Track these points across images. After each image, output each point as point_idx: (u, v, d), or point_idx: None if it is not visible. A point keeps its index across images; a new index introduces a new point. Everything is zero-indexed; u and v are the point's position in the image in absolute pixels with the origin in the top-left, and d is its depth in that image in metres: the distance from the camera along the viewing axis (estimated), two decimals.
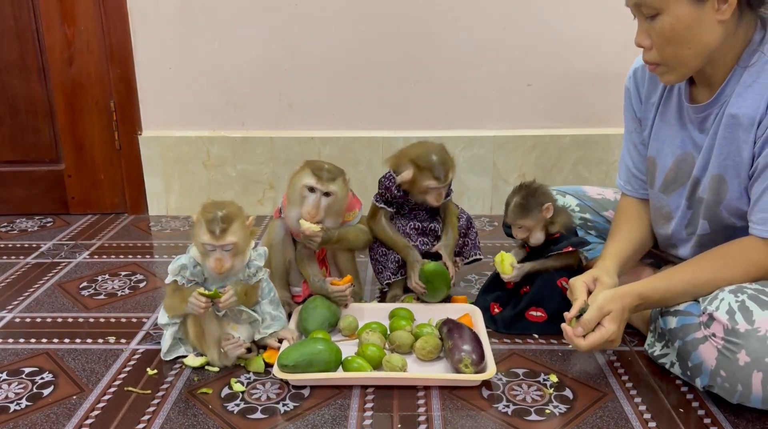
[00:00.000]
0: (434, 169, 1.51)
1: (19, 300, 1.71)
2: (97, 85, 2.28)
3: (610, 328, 1.20)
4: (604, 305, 1.20)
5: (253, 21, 2.23)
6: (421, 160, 1.52)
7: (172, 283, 1.33)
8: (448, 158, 1.55)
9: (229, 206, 1.32)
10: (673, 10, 1.12)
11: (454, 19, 2.21)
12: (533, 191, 1.47)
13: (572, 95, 2.28)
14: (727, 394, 1.15)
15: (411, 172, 1.52)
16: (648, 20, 1.16)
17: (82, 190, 2.40)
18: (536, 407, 1.22)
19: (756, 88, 1.15)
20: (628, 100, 1.44)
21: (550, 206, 1.46)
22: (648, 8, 1.14)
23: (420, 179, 1.53)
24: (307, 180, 1.46)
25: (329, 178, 1.46)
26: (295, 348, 1.31)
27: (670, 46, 1.16)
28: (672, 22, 1.13)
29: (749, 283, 1.16)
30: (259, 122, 2.34)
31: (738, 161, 1.19)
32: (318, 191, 1.46)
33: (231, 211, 1.30)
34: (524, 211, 1.45)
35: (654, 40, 1.17)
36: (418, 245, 1.60)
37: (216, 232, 1.27)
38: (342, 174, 1.50)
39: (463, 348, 1.29)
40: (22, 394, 1.28)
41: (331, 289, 1.50)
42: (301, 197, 1.48)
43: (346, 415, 1.20)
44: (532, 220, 1.46)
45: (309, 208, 1.46)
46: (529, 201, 1.45)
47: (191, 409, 1.23)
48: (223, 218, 1.28)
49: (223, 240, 1.28)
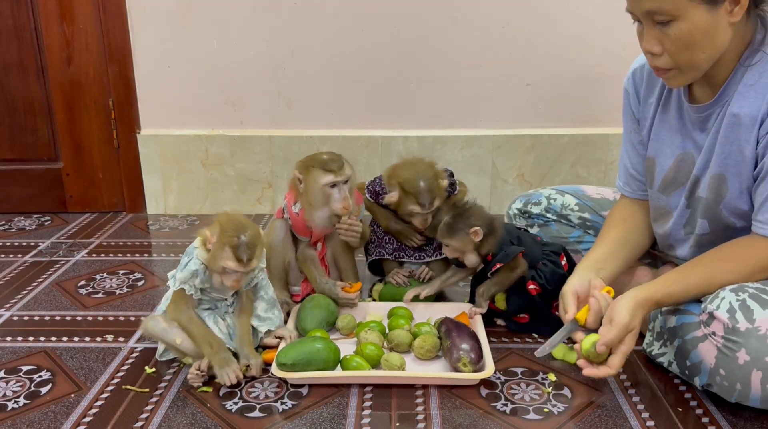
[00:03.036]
0: (420, 196, 1.51)
1: (17, 298, 1.71)
2: (95, 84, 2.28)
3: (632, 344, 1.19)
4: (629, 322, 1.18)
5: (252, 20, 2.23)
6: (408, 185, 1.52)
7: (179, 290, 1.30)
8: (436, 185, 1.54)
9: (249, 228, 1.28)
10: (690, 17, 1.09)
11: (453, 18, 2.21)
12: (463, 212, 1.44)
13: (571, 95, 2.28)
14: (726, 393, 1.15)
15: (396, 195, 1.54)
16: (659, 26, 1.12)
17: (81, 188, 2.40)
18: (534, 406, 1.22)
19: (758, 87, 1.15)
20: (627, 101, 1.44)
21: (478, 230, 1.41)
22: (663, 15, 1.10)
23: (405, 203, 1.54)
24: (326, 178, 1.45)
25: (340, 166, 1.46)
26: (294, 347, 1.31)
27: (685, 52, 1.13)
28: (689, 29, 1.10)
29: (753, 282, 1.16)
30: (257, 121, 2.34)
31: (739, 161, 1.19)
32: (339, 184, 1.46)
33: (254, 234, 1.27)
34: (451, 231, 1.43)
35: (667, 46, 1.14)
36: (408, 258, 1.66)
37: (244, 260, 1.25)
38: (339, 156, 1.49)
39: (462, 347, 1.29)
40: (20, 392, 1.28)
41: (342, 296, 1.51)
42: (325, 196, 1.47)
43: (345, 414, 1.20)
44: (457, 242, 1.44)
45: (343, 204, 1.46)
46: (457, 221, 1.43)
47: (189, 407, 1.22)
48: (248, 244, 1.25)
49: (249, 267, 1.26)
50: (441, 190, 1.55)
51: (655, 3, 1.10)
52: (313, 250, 1.58)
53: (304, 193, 1.48)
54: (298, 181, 1.49)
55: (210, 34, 2.24)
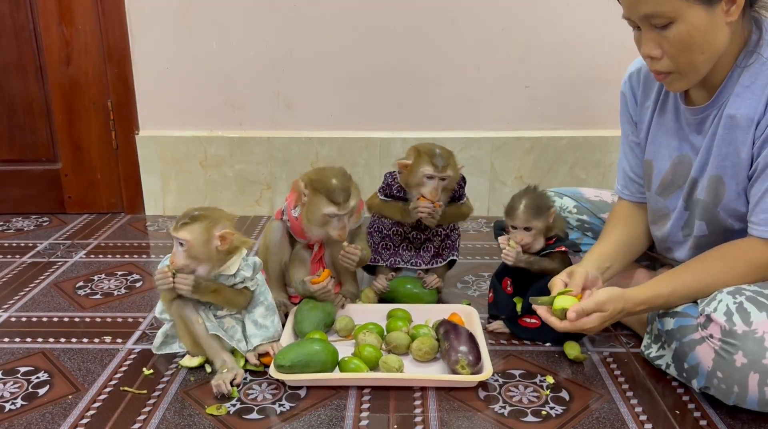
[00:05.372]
0: (434, 157, 1.55)
1: (15, 299, 1.70)
2: (94, 85, 2.28)
3: (593, 322, 1.20)
4: (605, 303, 1.20)
5: (251, 21, 2.23)
6: (424, 148, 1.56)
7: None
8: (451, 155, 1.57)
9: (210, 209, 1.33)
10: (688, 18, 1.09)
11: (452, 20, 2.21)
12: (541, 195, 1.47)
13: (570, 97, 2.28)
14: (723, 396, 1.15)
15: (411, 160, 1.57)
16: (658, 30, 1.12)
17: (79, 189, 2.39)
18: (533, 408, 1.22)
19: (754, 88, 1.15)
20: (624, 104, 1.44)
21: (553, 211, 1.46)
22: (661, 18, 1.10)
23: (419, 165, 1.55)
24: (329, 209, 1.43)
25: (346, 199, 1.44)
26: (292, 348, 1.31)
27: (685, 54, 1.13)
28: (688, 30, 1.10)
29: (748, 284, 1.17)
30: (256, 122, 2.34)
31: (736, 162, 1.19)
32: (340, 215, 1.44)
33: (206, 213, 1.31)
34: (537, 211, 1.44)
35: (667, 49, 1.14)
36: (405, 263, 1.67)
37: (177, 224, 1.29)
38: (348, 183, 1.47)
39: (460, 349, 1.29)
40: (18, 393, 1.28)
41: (313, 289, 1.49)
42: (324, 221, 1.45)
43: (343, 416, 1.20)
44: (541, 223, 1.45)
45: (339, 232, 1.45)
46: (539, 203, 1.45)
47: (187, 409, 1.22)
48: (189, 213, 1.30)
49: (176, 232, 1.29)
50: (455, 164, 1.58)
51: (652, 6, 1.10)
52: (308, 252, 1.57)
53: (305, 207, 1.47)
54: (303, 193, 1.46)
55: (209, 35, 2.24)
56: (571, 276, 1.30)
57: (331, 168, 1.49)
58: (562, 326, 1.22)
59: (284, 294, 1.59)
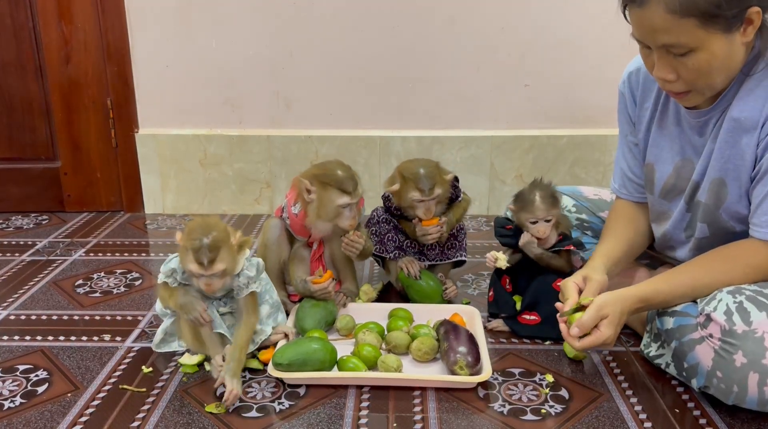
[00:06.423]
0: (419, 182, 1.52)
1: (14, 297, 1.70)
2: (94, 84, 2.28)
3: (606, 333, 1.19)
4: (602, 307, 1.20)
5: (251, 20, 2.22)
6: (407, 171, 1.54)
7: (162, 283, 1.31)
8: (437, 173, 1.54)
9: (215, 228, 1.25)
10: (709, 47, 1.08)
11: (451, 19, 2.21)
12: (549, 185, 1.48)
13: (569, 96, 2.28)
14: (723, 395, 1.15)
15: (398, 186, 1.55)
16: (674, 56, 1.11)
17: (79, 188, 2.39)
18: (532, 407, 1.22)
19: (759, 91, 1.15)
20: (623, 104, 1.43)
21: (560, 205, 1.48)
22: (681, 48, 1.09)
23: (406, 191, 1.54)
24: (343, 200, 1.44)
25: (355, 187, 1.45)
26: (290, 347, 1.31)
27: (702, 78, 1.13)
28: (708, 58, 1.09)
29: (748, 284, 1.16)
30: (256, 121, 2.34)
31: (739, 165, 1.19)
32: (352, 205, 1.46)
33: (217, 236, 1.23)
34: (554, 200, 1.45)
35: (683, 74, 1.12)
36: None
37: (204, 263, 1.22)
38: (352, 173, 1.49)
39: (459, 350, 1.29)
40: (17, 391, 1.28)
41: (313, 289, 1.49)
42: (336, 214, 1.46)
43: (342, 415, 1.20)
44: (558, 211, 1.45)
45: (351, 222, 1.46)
46: (552, 192, 1.46)
47: (186, 407, 1.22)
48: (210, 247, 1.21)
49: (211, 270, 1.23)
50: (442, 179, 1.55)
51: (674, 38, 1.08)
52: (307, 250, 1.57)
53: (313, 204, 1.46)
54: (307, 191, 1.46)
55: (209, 34, 2.24)
56: (586, 282, 1.29)
57: (330, 161, 1.51)
58: (580, 345, 1.21)
59: (284, 292, 1.59)
